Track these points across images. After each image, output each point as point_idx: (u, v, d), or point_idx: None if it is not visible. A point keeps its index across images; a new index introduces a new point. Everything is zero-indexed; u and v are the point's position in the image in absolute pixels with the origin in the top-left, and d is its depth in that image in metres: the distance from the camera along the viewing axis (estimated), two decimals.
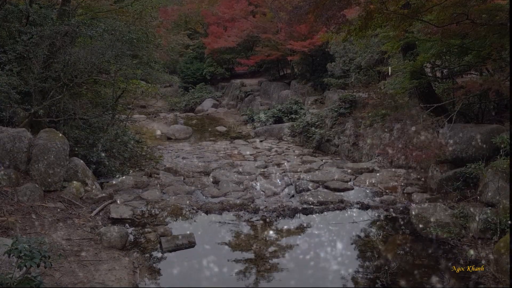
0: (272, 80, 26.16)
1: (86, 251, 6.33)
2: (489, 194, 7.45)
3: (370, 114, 12.96)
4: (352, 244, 7.31)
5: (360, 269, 6.38)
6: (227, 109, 26.34)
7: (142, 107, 24.16)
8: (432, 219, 7.41)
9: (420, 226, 7.50)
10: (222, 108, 26.52)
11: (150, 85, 14.28)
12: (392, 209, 8.48)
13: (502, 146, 7.65)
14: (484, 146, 8.63)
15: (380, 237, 7.53)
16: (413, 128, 9.21)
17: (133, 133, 14.17)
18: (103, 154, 9.90)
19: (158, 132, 19.35)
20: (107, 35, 10.33)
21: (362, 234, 7.65)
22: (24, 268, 3.96)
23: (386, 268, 6.20)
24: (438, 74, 12.25)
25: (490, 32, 8.27)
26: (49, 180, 7.99)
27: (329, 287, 5.95)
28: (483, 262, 6.08)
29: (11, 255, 4.03)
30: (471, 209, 7.21)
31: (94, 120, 11.05)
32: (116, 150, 10.92)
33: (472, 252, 6.31)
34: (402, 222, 7.95)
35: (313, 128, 15.50)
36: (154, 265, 6.40)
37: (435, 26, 8.69)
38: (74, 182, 8.47)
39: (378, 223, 8.10)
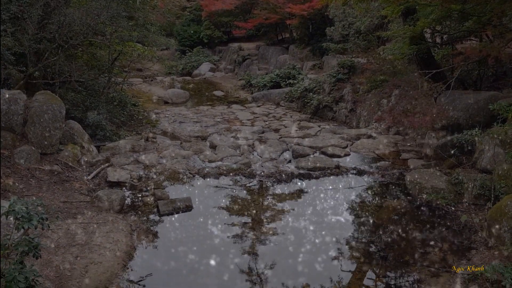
0: (270, 44, 25.82)
1: (83, 214, 6.39)
2: (485, 160, 7.49)
3: (368, 80, 12.88)
4: (347, 209, 7.39)
5: (355, 234, 6.48)
6: (225, 73, 26.08)
7: (138, 70, 23.86)
8: (427, 185, 7.48)
9: (415, 192, 7.57)
10: (220, 72, 26.25)
11: (146, 48, 14.04)
12: (388, 175, 8.53)
13: (499, 113, 7.65)
14: (481, 113, 8.64)
15: (376, 202, 7.61)
16: (412, 94, 9.17)
17: (129, 96, 14.05)
18: (99, 117, 9.85)
19: (155, 96, 19.20)
20: None
21: (358, 199, 7.73)
22: (22, 230, 3.99)
23: (381, 232, 6.30)
24: (438, 40, 12.11)
25: None
26: (46, 142, 7.97)
27: None
28: (476, 227, 6.18)
29: (9, 216, 4.05)
30: (466, 176, 7.27)
31: (90, 83, 10.92)
32: (112, 114, 10.86)
33: (465, 217, 6.39)
34: (397, 188, 8.02)
35: (311, 93, 15.41)
36: (152, 228, 6.47)
37: None
38: (71, 145, 8.46)
39: (373, 188, 8.17)
